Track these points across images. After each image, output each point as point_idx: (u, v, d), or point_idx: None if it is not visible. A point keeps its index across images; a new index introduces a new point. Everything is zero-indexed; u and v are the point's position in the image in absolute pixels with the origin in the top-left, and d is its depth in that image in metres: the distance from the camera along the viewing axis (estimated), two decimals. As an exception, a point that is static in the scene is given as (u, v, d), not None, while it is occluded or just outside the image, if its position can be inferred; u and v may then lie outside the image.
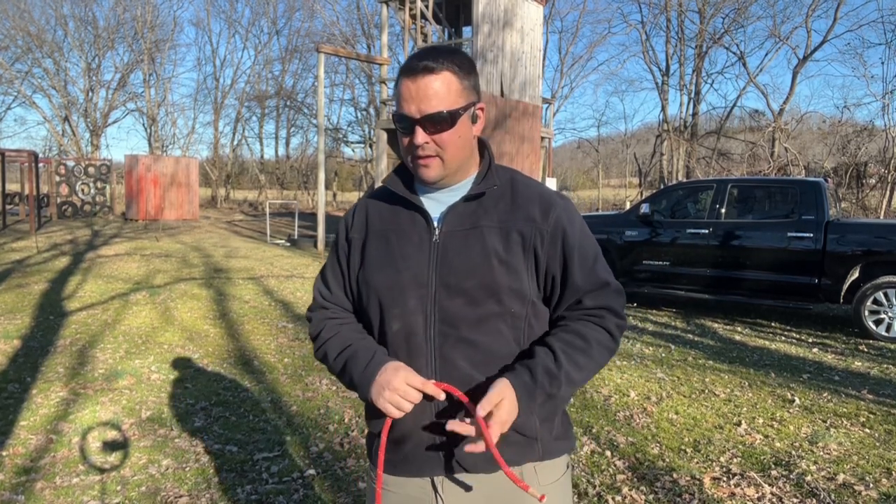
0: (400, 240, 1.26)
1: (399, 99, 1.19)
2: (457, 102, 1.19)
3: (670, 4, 26.49)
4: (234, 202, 33.68)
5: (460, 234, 1.23)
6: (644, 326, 6.85)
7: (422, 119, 1.17)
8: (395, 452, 1.26)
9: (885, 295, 6.30)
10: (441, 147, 1.19)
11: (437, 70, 1.17)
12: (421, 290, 1.22)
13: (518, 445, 1.23)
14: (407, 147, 1.22)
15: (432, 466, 1.24)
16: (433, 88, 1.17)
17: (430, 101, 1.16)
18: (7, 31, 29.18)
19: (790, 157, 19.54)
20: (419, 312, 1.22)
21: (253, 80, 35.27)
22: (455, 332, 1.21)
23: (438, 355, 1.21)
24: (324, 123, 14.85)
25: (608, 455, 3.39)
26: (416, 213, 1.27)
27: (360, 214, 1.34)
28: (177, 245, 13.34)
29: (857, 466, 3.29)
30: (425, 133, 1.18)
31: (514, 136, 14.11)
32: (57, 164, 20.18)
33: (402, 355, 1.23)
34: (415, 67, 1.17)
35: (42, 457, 3.27)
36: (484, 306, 1.21)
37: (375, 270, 1.27)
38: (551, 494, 1.27)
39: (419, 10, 14.00)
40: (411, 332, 1.22)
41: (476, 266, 1.21)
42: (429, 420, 1.22)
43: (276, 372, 4.82)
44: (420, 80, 1.17)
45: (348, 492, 2.95)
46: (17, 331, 5.78)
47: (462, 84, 1.20)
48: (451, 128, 1.19)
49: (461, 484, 1.26)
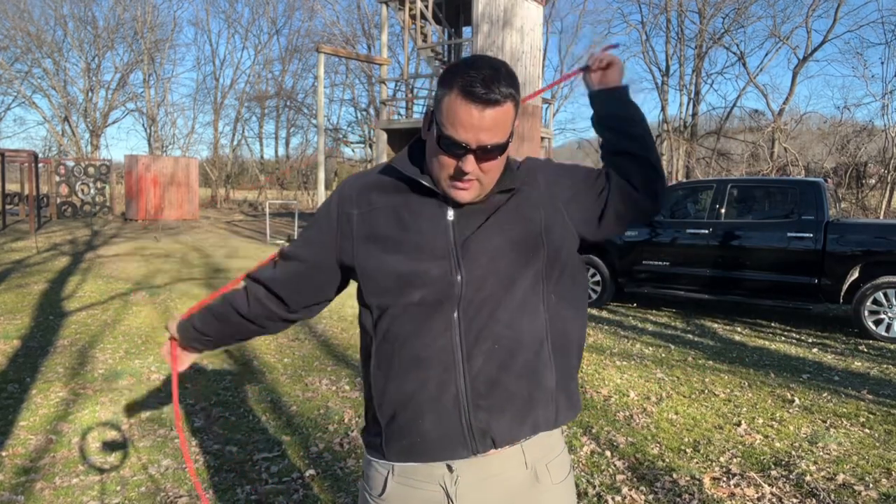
0: (413, 216, 1.22)
1: (453, 120, 1.13)
2: (508, 132, 1.17)
3: (670, 4, 26.50)
4: (233, 202, 33.67)
5: (474, 211, 1.22)
6: (644, 326, 6.85)
7: (477, 149, 1.14)
8: (410, 434, 1.22)
9: (884, 295, 6.30)
10: (484, 173, 1.18)
11: (502, 102, 1.13)
12: (441, 262, 1.19)
13: (542, 405, 1.24)
14: (447, 168, 1.17)
15: (456, 445, 1.20)
16: (494, 121, 1.13)
17: (490, 132, 1.13)
18: (7, 31, 29.19)
19: (790, 158, 19.54)
20: (442, 280, 1.19)
21: (253, 80, 35.30)
22: (478, 295, 1.19)
23: (463, 317, 1.19)
24: (324, 123, 14.85)
25: (608, 455, 3.39)
26: (426, 194, 1.24)
27: (363, 191, 1.29)
28: (176, 245, 13.34)
29: (856, 466, 3.29)
30: (475, 163, 1.15)
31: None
32: (56, 165, 20.17)
33: (423, 323, 1.19)
34: (482, 97, 1.11)
35: (42, 457, 3.26)
36: (507, 271, 1.21)
37: (389, 246, 1.22)
38: (562, 492, 1.29)
39: (419, 10, 14.00)
40: (435, 300, 1.19)
41: (494, 238, 1.21)
42: (454, 386, 1.19)
43: (275, 372, 4.82)
44: (486, 111, 1.12)
45: (348, 492, 2.95)
46: (16, 331, 5.78)
47: (515, 111, 1.18)
48: (500, 155, 1.18)
49: (475, 486, 1.23)
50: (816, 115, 27.09)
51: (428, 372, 1.19)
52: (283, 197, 32.95)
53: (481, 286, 1.19)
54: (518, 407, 1.22)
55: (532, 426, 1.24)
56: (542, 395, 1.24)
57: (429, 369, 1.19)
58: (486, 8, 13.24)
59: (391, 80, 16.47)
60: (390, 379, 1.23)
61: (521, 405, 1.22)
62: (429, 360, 1.19)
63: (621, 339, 6.16)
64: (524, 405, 1.22)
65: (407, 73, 15.64)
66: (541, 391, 1.24)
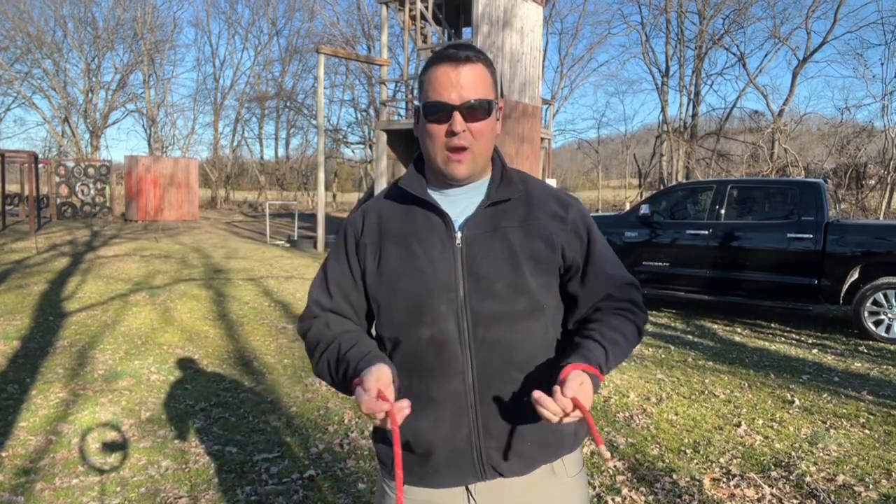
0: (422, 244, 1.21)
1: (434, 86, 1.17)
2: (491, 94, 1.19)
3: (670, 5, 26.52)
4: (233, 203, 33.67)
5: (483, 237, 1.22)
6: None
7: (462, 106, 1.15)
8: (423, 465, 1.22)
9: (884, 296, 6.30)
10: (475, 138, 1.18)
11: (476, 60, 1.17)
12: (450, 295, 1.18)
13: (552, 444, 1.25)
14: (439, 137, 1.18)
15: (466, 474, 1.21)
16: (472, 77, 1.16)
17: (471, 89, 1.16)
18: (7, 31, 29.20)
19: (790, 158, 19.55)
20: (451, 317, 1.18)
21: (253, 81, 35.31)
22: (489, 335, 1.18)
23: (475, 359, 1.18)
24: (323, 124, 14.85)
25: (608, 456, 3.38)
26: (434, 215, 1.23)
27: (371, 218, 1.28)
28: (176, 246, 13.34)
29: (856, 467, 3.29)
30: (463, 121, 1.16)
31: (514, 137, 14.11)
32: (56, 165, 20.17)
33: (434, 362, 1.19)
34: (456, 56, 1.16)
35: (41, 458, 3.26)
36: (516, 305, 1.19)
37: (400, 277, 1.21)
38: (576, 484, 1.31)
39: (419, 11, 14.00)
40: (445, 340, 1.18)
41: (504, 267, 1.20)
42: (467, 426, 1.19)
43: (275, 373, 4.82)
44: (462, 67, 1.16)
45: (348, 493, 2.95)
46: (16, 332, 5.77)
47: (493, 78, 1.21)
48: (487, 118, 1.18)
49: (495, 487, 1.24)
50: (816, 116, 27.19)
51: (441, 412, 1.19)
52: (282, 198, 32.96)
53: (490, 326, 1.18)
54: (532, 452, 1.22)
55: (546, 462, 1.26)
56: (557, 438, 1.25)
57: (442, 409, 1.19)
58: (486, 9, 13.24)
59: (391, 80, 16.46)
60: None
61: (535, 450, 1.23)
62: (442, 401, 1.19)
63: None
64: (538, 449, 1.23)
65: (407, 74, 15.65)
66: (556, 436, 1.24)
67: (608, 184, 36.87)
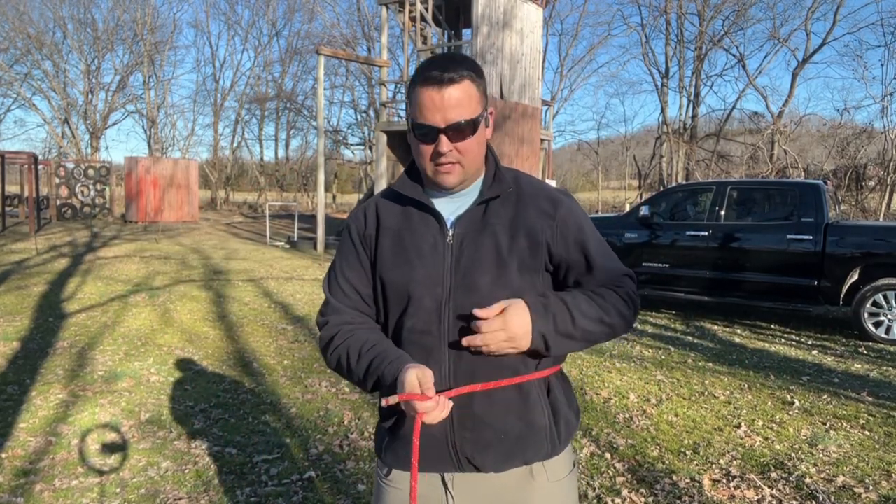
0: (414, 238, 1.27)
1: (420, 108, 1.20)
2: (476, 110, 1.22)
3: (670, 7, 26.53)
4: (233, 204, 33.67)
5: (472, 235, 1.26)
6: (644, 328, 6.84)
7: (446, 128, 1.19)
8: (405, 447, 1.26)
9: (884, 297, 6.30)
10: (462, 154, 1.22)
11: (459, 80, 1.19)
12: (436, 289, 1.23)
13: (533, 444, 1.26)
14: (427, 155, 1.23)
15: (444, 463, 1.26)
16: (456, 98, 1.18)
17: (455, 110, 1.18)
18: (6, 33, 29.21)
19: (789, 160, 19.55)
20: (434, 311, 1.23)
21: (253, 82, 35.32)
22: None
23: (452, 353, 1.22)
24: (323, 125, 14.85)
25: (608, 457, 3.38)
26: (429, 214, 1.28)
27: (371, 212, 1.34)
28: (176, 247, 13.34)
29: (856, 469, 3.29)
30: (449, 142, 1.20)
31: (514, 138, 14.11)
32: (56, 166, 20.17)
33: (415, 352, 1.24)
34: (438, 78, 1.17)
35: (41, 459, 3.26)
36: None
37: (390, 267, 1.28)
38: (557, 491, 1.29)
39: (419, 13, 14.02)
40: (425, 331, 1.23)
41: (489, 263, 1.23)
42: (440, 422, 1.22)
43: (275, 374, 4.81)
44: (445, 89, 1.18)
45: (348, 494, 2.95)
46: (16, 333, 5.77)
47: (479, 91, 1.23)
48: (472, 135, 1.22)
49: (471, 482, 1.27)
50: (816, 117, 27.20)
51: None
52: (282, 199, 32.96)
53: (470, 321, 1.21)
54: (506, 447, 1.24)
55: (522, 461, 1.26)
56: (534, 434, 1.26)
57: None
58: (486, 10, 13.25)
59: (391, 81, 16.45)
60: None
61: (509, 445, 1.24)
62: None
63: (621, 341, 6.16)
64: (513, 445, 1.24)
65: (407, 75, 15.65)
66: (532, 430, 1.26)
67: (608, 185, 36.87)
